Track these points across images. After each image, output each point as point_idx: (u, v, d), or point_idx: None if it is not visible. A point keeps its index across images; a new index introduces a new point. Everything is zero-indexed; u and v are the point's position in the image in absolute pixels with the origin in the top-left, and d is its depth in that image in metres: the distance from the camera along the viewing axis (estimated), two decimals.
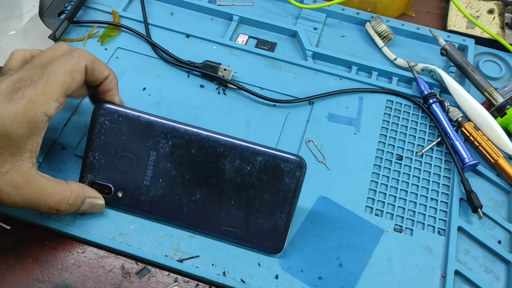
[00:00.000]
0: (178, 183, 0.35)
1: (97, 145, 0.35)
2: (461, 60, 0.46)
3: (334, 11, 0.52)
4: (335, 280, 0.35)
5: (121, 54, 0.47)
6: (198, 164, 0.34)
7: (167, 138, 0.34)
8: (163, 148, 0.35)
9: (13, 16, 0.45)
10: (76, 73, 0.32)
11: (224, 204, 0.35)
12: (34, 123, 0.30)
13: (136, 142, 0.35)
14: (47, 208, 0.32)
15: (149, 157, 0.35)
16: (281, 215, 0.34)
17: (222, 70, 0.45)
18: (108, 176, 0.35)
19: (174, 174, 0.35)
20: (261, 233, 0.35)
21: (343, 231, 0.37)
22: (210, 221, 0.35)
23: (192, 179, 0.35)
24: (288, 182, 0.34)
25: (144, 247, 0.36)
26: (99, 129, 0.35)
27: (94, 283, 0.35)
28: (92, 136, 0.35)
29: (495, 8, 0.53)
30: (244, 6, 0.52)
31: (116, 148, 0.35)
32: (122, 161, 0.35)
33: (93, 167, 0.35)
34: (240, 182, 0.34)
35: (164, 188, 0.35)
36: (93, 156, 0.35)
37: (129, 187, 0.35)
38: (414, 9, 0.55)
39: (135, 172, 0.35)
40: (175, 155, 0.35)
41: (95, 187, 0.35)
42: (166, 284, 0.35)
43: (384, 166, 0.41)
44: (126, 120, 0.35)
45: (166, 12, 0.52)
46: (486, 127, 0.42)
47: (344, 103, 0.45)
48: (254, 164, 0.34)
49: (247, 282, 0.35)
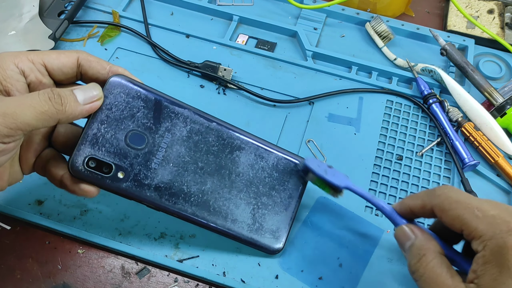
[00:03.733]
0: (190, 170, 0.32)
1: (106, 116, 0.30)
2: (461, 60, 0.46)
3: (334, 11, 0.52)
4: (335, 280, 0.35)
5: (121, 54, 0.47)
6: (214, 153, 0.33)
7: (186, 122, 0.33)
8: (180, 131, 0.32)
9: (13, 16, 0.45)
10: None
11: (233, 197, 0.34)
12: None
13: (151, 120, 0.32)
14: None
15: (163, 138, 0.32)
16: (286, 213, 0.34)
17: (222, 70, 0.45)
18: (110, 153, 0.31)
19: (187, 160, 0.32)
20: (264, 231, 0.34)
21: (343, 231, 0.37)
22: (216, 214, 0.33)
23: (205, 167, 0.33)
24: (296, 182, 0.35)
25: (144, 247, 0.36)
26: (112, 100, 0.31)
27: (94, 283, 0.35)
28: (102, 106, 0.30)
29: (495, 8, 0.53)
30: (244, 6, 0.52)
31: (128, 123, 0.31)
32: (132, 138, 0.31)
33: (94, 140, 0.30)
34: (252, 176, 0.34)
35: (173, 174, 0.32)
36: (98, 128, 0.30)
37: (134, 168, 0.31)
38: (414, 9, 0.55)
39: (144, 152, 0.31)
40: (192, 141, 0.33)
41: (93, 164, 0.30)
42: (166, 284, 0.35)
43: (384, 166, 0.41)
44: (145, 97, 0.31)
45: (166, 12, 0.52)
46: (486, 127, 0.42)
47: (344, 103, 0.45)
48: (267, 160, 0.34)
49: (247, 282, 0.35)
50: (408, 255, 0.28)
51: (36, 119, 0.26)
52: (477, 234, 0.25)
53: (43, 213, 0.37)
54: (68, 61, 0.30)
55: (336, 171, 0.33)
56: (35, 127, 0.27)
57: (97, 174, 0.30)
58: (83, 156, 0.30)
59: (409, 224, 0.30)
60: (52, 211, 0.37)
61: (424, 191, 0.29)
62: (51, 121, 0.27)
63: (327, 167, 0.33)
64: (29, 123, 0.26)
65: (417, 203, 0.29)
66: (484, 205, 0.25)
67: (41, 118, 0.27)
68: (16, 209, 0.37)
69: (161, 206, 0.32)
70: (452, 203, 0.26)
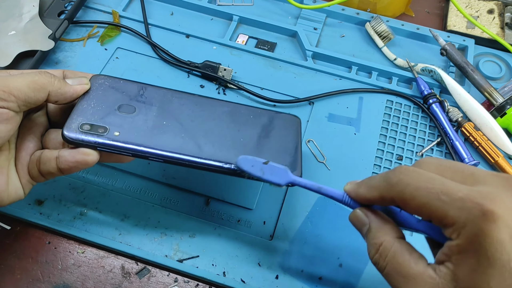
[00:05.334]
0: (184, 123, 0.33)
1: (94, 95, 0.33)
2: (461, 60, 0.46)
3: (334, 11, 0.52)
4: (335, 280, 0.35)
5: (121, 54, 0.47)
6: (205, 114, 0.34)
7: (170, 96, 0.35)
8: (167, 102, 0.34)
9: (13, 16, 0.45)
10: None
11: (233, 139, 0.33)
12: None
13: (139, 97, 0.34)
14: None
15: (152, 106, 0.34)
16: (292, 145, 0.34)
17: (222, 70, 0.45)
18: (103, 119, 0.32)
19: (179, 117, 0.33)
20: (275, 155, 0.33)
21: (343, 231, 0.37)
22: (221, 149, 0.32)
23: (198, 120, 0.34)
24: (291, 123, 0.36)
25: (144, 247, 0.36)
26: (98, 86, 0.33)
27: (94, 283, 0.35)
28: (90, 89, 0.33)
29: (495, 8, 0.53)
30: (244, 6, 0.52)
31: (116, 98, 0.33)
32: (122, 108, 0.33)
33: (86, 111, 0.32)
34: (247, 124, 0.35)
35: (168, 126, 0.33)
36: (88, 103, 0.32)
37: (130, 127, 0.32)
38: (414, 9, 0.56)
39: (136, 116, 0.33)
40: (181, 107, 0.34)
41: (87, 127, 0.31)
42: (166, 284, 0.35)
43: (384, 166, 0.41)
44: (128, 81, 0.35)
45: (166, 12, 0.52)
46: (486, 127, 0.42)
47: (344, 103, 0.45)
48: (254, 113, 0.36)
49: (247, 282, 0.35)
50: (367, 244, 0.26)
51: (27, 86, 0.29)
52: (448, 222, 0.22)
53: (43, 213, 0.37)
54: (55, 71, 0.33)
55: (274, 166, 0.30)
56: (27, 95, 0.29)
57: (94, 134, 0.30)
58: (76, 123, 0.31)
59: (362, 207, 0.27)
60: (52, 211, 0.37)
61: (378, 177, 0.26)
62: (42, 91, 0.30)
63: (263, 165, 0.30)
64: (21, 88, 0.28)
65: (374, 195, 0.26)
66: (449, 185, 0.22)
67: (32, 86, 0.29)
68: (16, 209, 0.37)
69: (164, 154, 0.31)
70: (413, 192, 0.23)
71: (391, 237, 0.25)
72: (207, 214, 0.38)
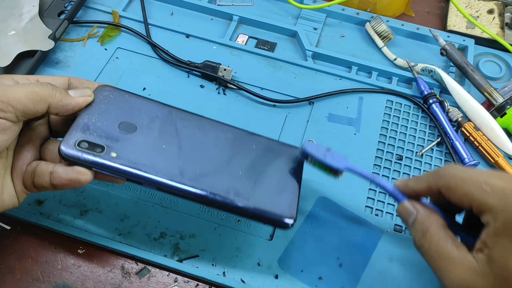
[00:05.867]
0: (183, 149, 0.32)
1: (96, 110, 0.32)
2: (461, 60, 0.46)
3: (334, 11, 0.52)
4: (335, 280, 0.35)
5: (121, 54, 0.47)
6: (206, 135, 0.34)
7: (175, 114, 0.34)
8: (170, 120, 0.33)
9: (13, 16, 0.45)
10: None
11: (233, 174, 0.32)
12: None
13: (141, 115, 0.33)
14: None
15: (153, 125, 0.33)
16: (291, 187, 0.33)
17: (222, 70, 0.45)
18: (102, 137, 0.31)
19: (180, 141, 0.33)
20: (271, 199, 0.32)
21: (343, 231, 0.37)
22: (218, 187, 0.31)
23: (199, 147, 0.33)
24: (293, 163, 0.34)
25: (144, 247, 0.36)
26: (101, 99, 0.32)
27: (94, 283, 0.35)
28: (92, 103, 0.32)
29: (495, 8, 0.53)
30: (244, 6, 0.52)
31: (118, 114, 0.32)
32: (123, 126, 0.32)
33: (86, 127, 0.31)
34: (248, 152, 0.34)
35: (167, 153, 0.32)
36: (88, 118, 0.31)
37: (127, 149, 0.31)
38: (414, 9, 0.56)
39: (136, 137, 0.32)
40: (183, 130, 0.33)
41: (85, 145, 0.30)
42: (166, 284, 0.35)
43: (384, 166, 0.41)
44: (133, 97, 0.33)
45: (166, 12, 0.52)
46: (486, 127, 0.42)
47: (344, 103, 0.45)
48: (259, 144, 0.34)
49: (247, 282, 0.35)
50: (412, 231, 0.29)
51: (27, 97, 0.28)
52: (487, 208, 0.25)
53: (43, 213, 0.37)
54: (60, 79, 0.32)
55: (335, 153, 0.33)
56: (26, 106, 0.28)
57: (91, 153, 0.30)
58: (74, 139, 0.30)
59: (410, 199, 0.30)
60: (52, 211, 0.37)
61: (427, 173, 0.30)
62: (42, 103, 0.29)
63: (326, 150, 0.33)
64: (20, 99, 0.28)
65: (422, 186, 0.29)
66: (491, 178, 0.26)
67: (32, 97, 0.28)
68: (16, 209, 0.36)
69: (158, 184, 0.31)
70: (459, 181, 0.26)
71: (437, 225, 0.28)
72: (207, 214, 0.38)
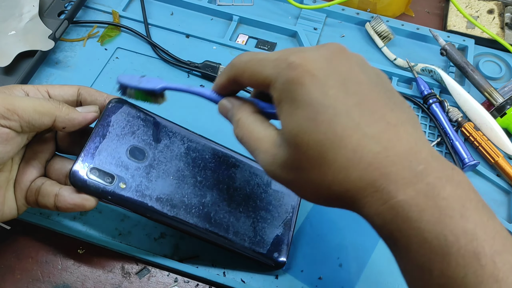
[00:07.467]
0: (189, 183, 0.33)
1: (107, 132, 0.32)
2: (461, 60, 0.46)
3: (334, 11, 0.52)
4: (335, 280, 0.35)
5: (121, 54, 0.47)
6: (211, 169, 0.34)
7: (184, 140, 0.34)
8: (178, 148, 0.34)
9: (13, 16, 0.45)
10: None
11: (233, 211, 0.34)
12: None
13: (151, 137, 0.33)
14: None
15: (163, 153, 0.33)
16: (285, 227, 0.35)
17: (222, 70, 0.45)
18: (112, 165, 0.31)
19: (186, 174, 0.33)
20: (266, 244, 0.34)
21: (343, 231, 0.37)
22: (218, 226, 0.33)
23: (203, 181, 0.34)
24: (291, 197, 0.36)
25: (144, 247, 0.36)
26: (113, 118, 0.32)
27: (94, 283, 0.35)
28: (103, 123, 0.32)
29: (495, 8, 0.53)
30: (244, 6, 0.52)
31: (128, 138, 0.32)
32: (133, 152, 0.32)
33: (97, 152, 0.31)
34: (249, 191, 0.35)
35: (173, 186, 0.33)
36: (100, 141, 0.31)
37: (135, 179, 0.31)
38: (414, 9, 0.56)
39: (144, 165, 0.32)
40: (190, 157, 0.34)
41: (95, 174, 0.30)
42: (166, 284, 0.35)
43: None
44: (144, 117, 0.33)
45: (166, 12, 0.52)
46: (486, 127, 0.42)
47: None
48: (262, 177, 0.36)
49: (247, 282, 0.35)
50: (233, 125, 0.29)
51: (33, 108, 0.28)
52: (268, 81, 0.25)
53: (43, 213, 0.37)
54: (70, 89, 0.32)
55: (150, 78, 0.32)
56: (31, 117, 0.28)
57: (100, 183, 0.30)
58: (85, 165, 0.30)
59: (227, 97, 0.30)
60: (52, 211, 0.37)
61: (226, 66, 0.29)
62: (47, 115, 0.29)
63: (140, 77, 0.33)
64: (26, 109, 0.28)
65: (223, 80, 0.29)
66: (269, 55, 0.25)
67: (39, 109, 0.28)
68: None
69: (162, 218, 0.32)
70: (243, 65, 0.26)
71: (248, 112, 0.28)
72: None
